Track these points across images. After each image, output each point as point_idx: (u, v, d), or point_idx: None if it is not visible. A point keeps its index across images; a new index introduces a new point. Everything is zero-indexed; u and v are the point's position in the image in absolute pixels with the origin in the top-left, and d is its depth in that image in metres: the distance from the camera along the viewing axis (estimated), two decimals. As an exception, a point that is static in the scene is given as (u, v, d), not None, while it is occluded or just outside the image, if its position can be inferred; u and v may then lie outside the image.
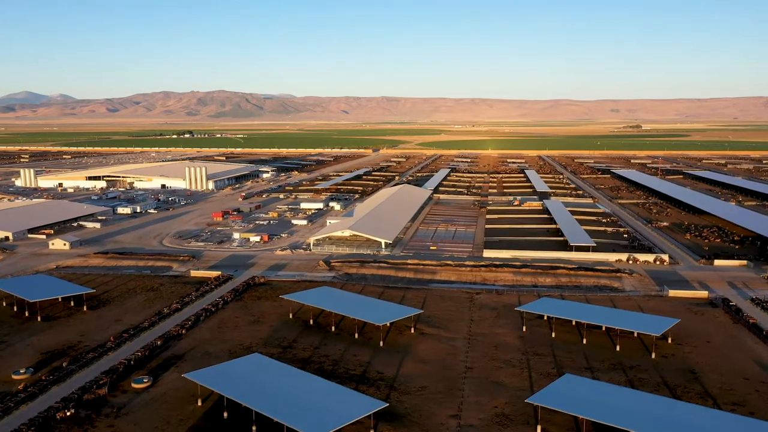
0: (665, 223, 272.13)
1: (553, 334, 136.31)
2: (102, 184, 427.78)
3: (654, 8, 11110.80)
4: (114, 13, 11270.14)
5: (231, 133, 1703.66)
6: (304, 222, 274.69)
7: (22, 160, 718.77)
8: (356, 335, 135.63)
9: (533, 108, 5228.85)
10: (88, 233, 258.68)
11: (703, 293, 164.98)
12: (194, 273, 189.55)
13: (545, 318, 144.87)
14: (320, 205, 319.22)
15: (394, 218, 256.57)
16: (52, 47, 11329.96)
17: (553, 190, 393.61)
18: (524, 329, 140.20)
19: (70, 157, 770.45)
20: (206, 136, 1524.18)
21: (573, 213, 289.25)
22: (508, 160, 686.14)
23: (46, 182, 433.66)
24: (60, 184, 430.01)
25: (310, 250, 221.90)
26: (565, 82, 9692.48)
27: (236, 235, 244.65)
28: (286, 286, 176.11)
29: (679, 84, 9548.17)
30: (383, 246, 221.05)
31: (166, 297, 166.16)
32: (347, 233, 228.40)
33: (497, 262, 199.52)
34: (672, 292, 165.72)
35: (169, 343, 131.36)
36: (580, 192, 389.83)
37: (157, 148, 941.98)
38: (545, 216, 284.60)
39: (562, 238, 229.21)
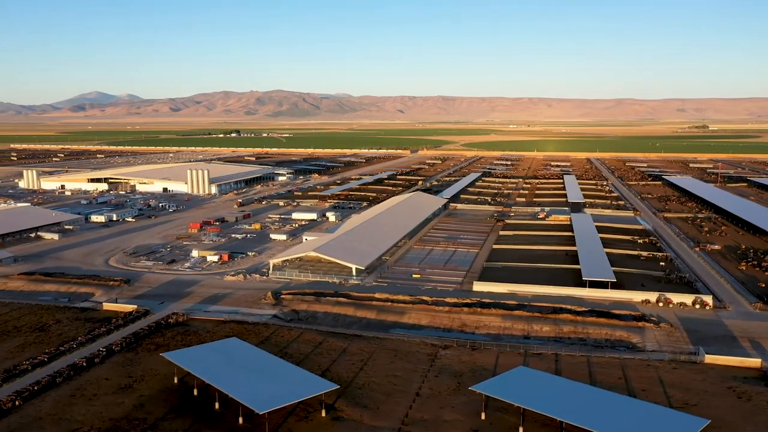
0: (717, 246, 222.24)
1: (521, 429, 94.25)
2: (104, 186, 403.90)
3: (726, 2, 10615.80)
4: (178, 14, 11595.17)
5: (278, 132, 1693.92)
6: (283, 237, 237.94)
7: (54, 159, 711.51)
8: (240, 419, 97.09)
9: (594, 107, 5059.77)
10: (41, 246, 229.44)
11: (755, 362, 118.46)
12: (107, 306, 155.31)
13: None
14: (313, 216, 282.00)
15: (380, 236, 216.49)
16: (123, 48, 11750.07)
17: (592, 200, 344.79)
18: (483, 416, 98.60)
19: (103, 156, 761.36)
20: (252, 135, 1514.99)
21: (604, 230, 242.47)
22: (552, 163, 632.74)
23: (49, 184, 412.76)
24: (62, 186, 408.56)
25: (268, 275, 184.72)
26: (629, 80, 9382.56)
27: (194, 253, 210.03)
28: (206, 329, 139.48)
29: (753, 81, 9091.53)
30: (354, 273, 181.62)
31: (49, 342, 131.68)
32: (314, 255, 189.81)
33: (486, 300, 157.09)
34: (709, 358, 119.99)
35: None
36: (622, 202, 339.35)
37: (193, 148, 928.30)
38: (570, 234, 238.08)
39: (579, 267, 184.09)
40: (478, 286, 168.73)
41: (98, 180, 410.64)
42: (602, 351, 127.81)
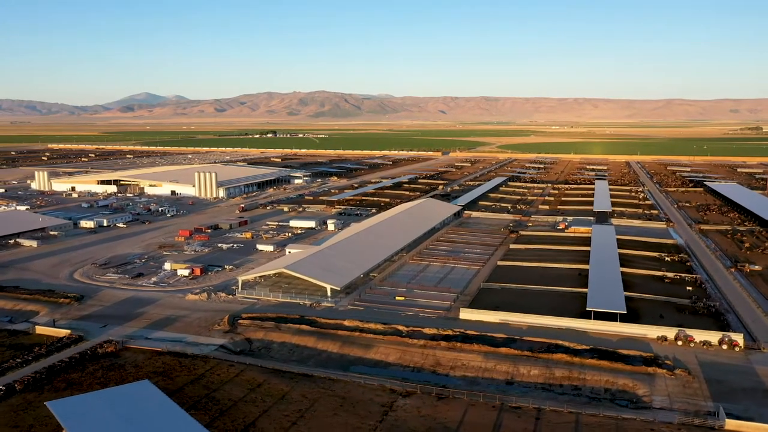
0: (757, 267, 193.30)
1: None
2: (113, 188, 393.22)
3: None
4: (224, 16, 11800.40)
5: (316, 133, 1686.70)
6: (270, 248, 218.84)
7: (83, 159, 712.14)
8: (111, 498, 77.36)
9: (642, 108, 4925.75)
10: (16, 254, 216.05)
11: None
12: (40, 329, 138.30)
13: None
14: (312, 224, 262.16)
15: (371, 250, 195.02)
16: (171, 50, 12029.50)
17: (622, 209, 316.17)
18: (421, 504, 76.49)
19: (132, 157, 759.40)
20: (288, 136, 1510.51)
21: (627, 245, 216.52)
22: (588, 167, 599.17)
23: (60, 185, 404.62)
24: (72, 188, 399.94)
25: (236, 294, 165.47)
26: (679, 80, 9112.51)
27: (166, 266, 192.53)
28: (136, 362, 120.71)
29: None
30: (329, 293, 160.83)
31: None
32: (287, 272, 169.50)
33: (471, 332, 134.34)
34: (731, 424, 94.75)
35: None
36: (655, 212, 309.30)
37: (223, 148, 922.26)
38: (588, 249, 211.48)
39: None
40: (466, 314, 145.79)
41: (107, 182, 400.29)
42: (597, 406, 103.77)
